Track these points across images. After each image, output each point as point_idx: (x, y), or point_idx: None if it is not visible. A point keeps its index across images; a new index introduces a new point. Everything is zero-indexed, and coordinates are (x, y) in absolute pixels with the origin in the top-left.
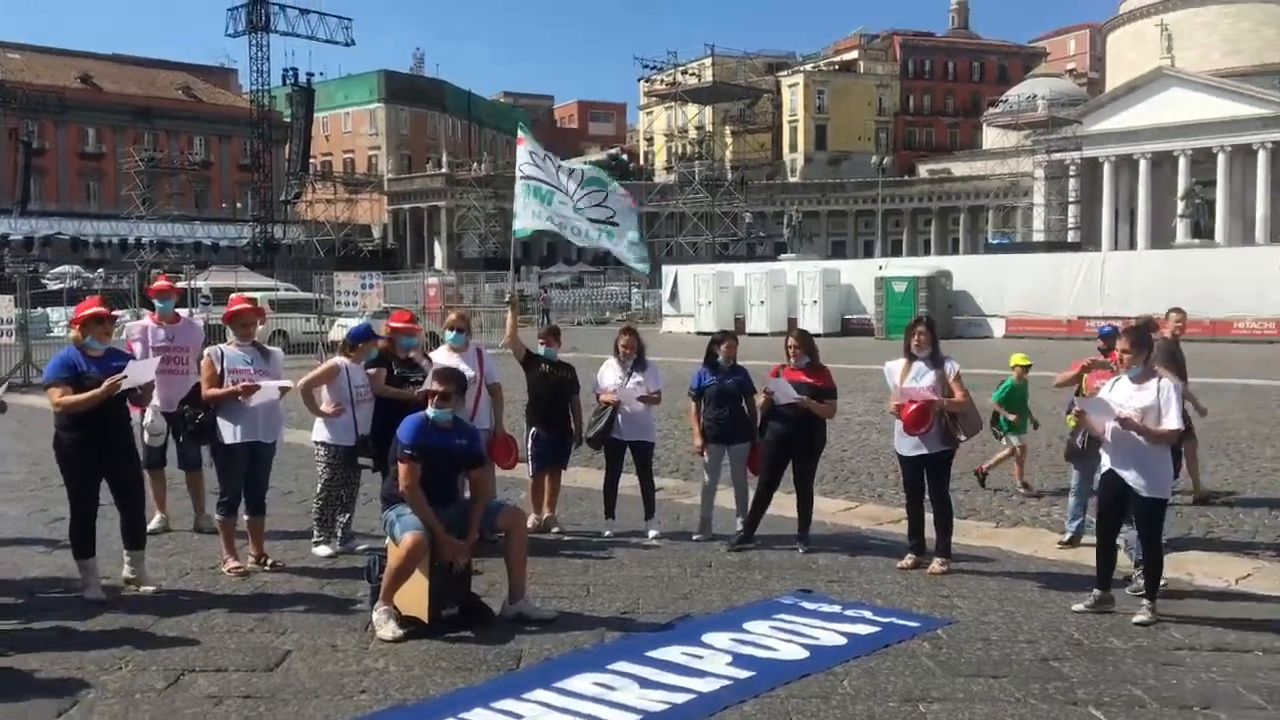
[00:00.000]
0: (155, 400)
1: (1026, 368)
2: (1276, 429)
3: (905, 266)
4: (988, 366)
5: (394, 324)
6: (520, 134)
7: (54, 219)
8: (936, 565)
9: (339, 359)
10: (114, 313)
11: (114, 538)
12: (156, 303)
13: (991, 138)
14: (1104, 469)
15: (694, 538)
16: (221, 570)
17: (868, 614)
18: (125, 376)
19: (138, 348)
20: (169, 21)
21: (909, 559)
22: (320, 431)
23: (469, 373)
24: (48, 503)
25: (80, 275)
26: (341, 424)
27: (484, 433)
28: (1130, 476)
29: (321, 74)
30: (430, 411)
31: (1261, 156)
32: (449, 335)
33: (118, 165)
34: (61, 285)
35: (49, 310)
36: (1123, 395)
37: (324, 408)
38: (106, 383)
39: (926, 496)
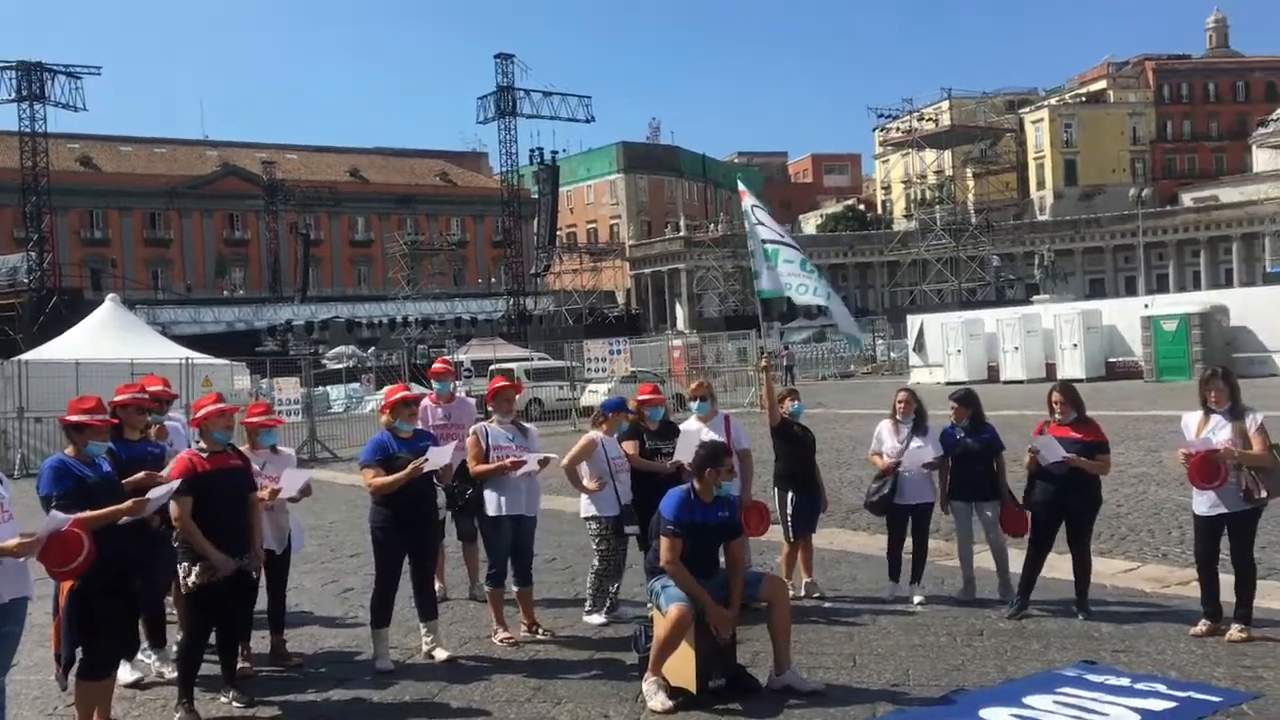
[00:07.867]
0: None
1: None
2: None
3: (1174, 303)
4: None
5: (641, 397)
6: (741, 187)
7: (331, 303)
8: (1235, 632)
9: (594, 433)
10: (418, 395)
11: (398, 608)
12: (434, 384)
13: (1263, 160)
14: None
15: (956, 595)
16: (494, 640)
17: (1161, 687)
18: (426, 460)
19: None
20: (426, 115)
21: (1203, 625)
22: (587, 508)
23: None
24: (338, 574)
25: (355, 354)
26: (605, 496)
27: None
28: None
29: (564, 150)
30: (722, 486)
31: None
32: (694, 405)
33: (384, 250)
34: (339, 365)
35: (329, 389)
36: None
37: (586, 483)
38: (409, 467)
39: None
